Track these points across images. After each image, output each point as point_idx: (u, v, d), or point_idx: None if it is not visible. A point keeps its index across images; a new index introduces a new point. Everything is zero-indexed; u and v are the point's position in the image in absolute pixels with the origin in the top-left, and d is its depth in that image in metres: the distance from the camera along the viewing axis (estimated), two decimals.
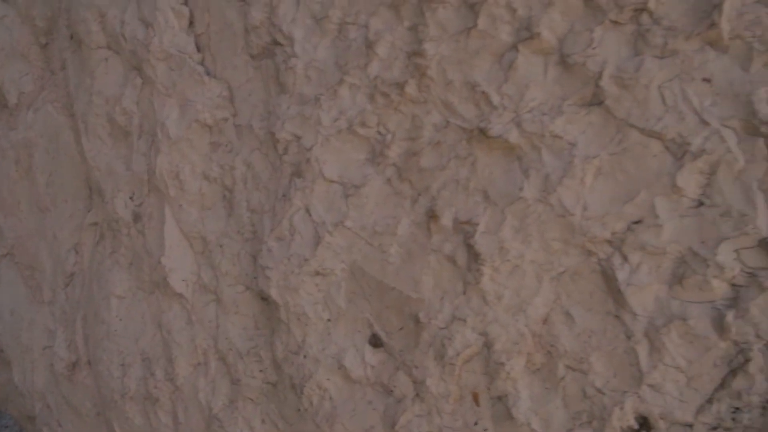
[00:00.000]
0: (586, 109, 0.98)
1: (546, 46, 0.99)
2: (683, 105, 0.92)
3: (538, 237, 1.02)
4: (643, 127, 0.94)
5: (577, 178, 0.98)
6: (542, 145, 1.00)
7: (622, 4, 0.93)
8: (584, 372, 1.01)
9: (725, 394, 0.94)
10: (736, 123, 0.90)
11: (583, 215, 0.99)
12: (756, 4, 0.88)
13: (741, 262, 0.91)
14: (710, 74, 0.91)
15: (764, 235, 0.90)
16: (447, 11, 1.04)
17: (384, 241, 1.14)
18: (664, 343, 0.96)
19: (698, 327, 0.94)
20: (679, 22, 0.91)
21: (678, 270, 0.95)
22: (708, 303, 0.94)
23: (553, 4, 0.97)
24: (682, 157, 0.92)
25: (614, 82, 0.95)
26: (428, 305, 1.10)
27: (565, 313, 1.02)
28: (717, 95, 0.91)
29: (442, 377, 1.11)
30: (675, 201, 0.94)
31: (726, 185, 0.91)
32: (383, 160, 1.13)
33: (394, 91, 1.10)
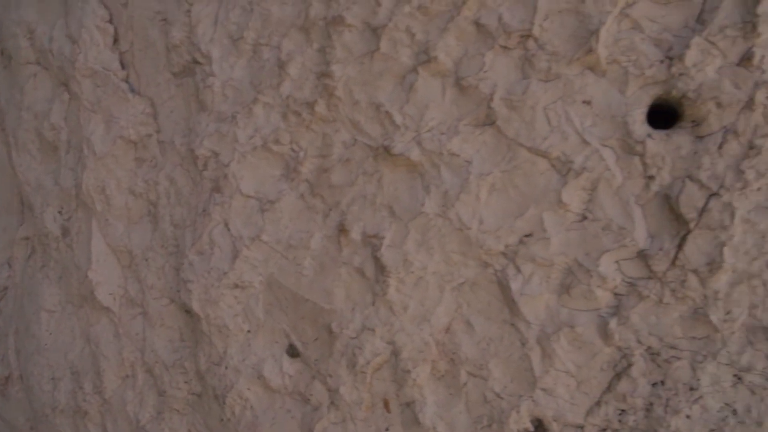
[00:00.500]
0: (480, 129, 1.03)
1: (443, 68, 1.04)
2: (566, 126, 0.98)
3: (439, 250, 1.07)
4: (531, 146, 1.00)
5: (473, 194, 1.03)
6: (441, 162, 1.05)
7: (509, 30, 0.99)
8: (484, 378, 1.06)
9: (612, 396, 1.00)
10: (614, 142, 0.96)
11: (479, 229, 1.04)
12: (630, 31, 0.94)
13: (621, 273, 0.98)
14: (590, 97, 0.97)
15: (642, 247, 0.96)
16: (352, 34, 1.09)
17: (298, 255, 1.17)
18: (554, 350, 1.01)
19: (585, 334, 1.00)
20: (561, 48, 0.97)
21: (566, 280, 1.01)
22: (593, 311, 1.00)
23: (449, 30, 1.03)
24: (566, 175, 0.98)
25: (504, 103, 1.00)
26: (340, 316, 1.15)
27: (466, 321, 1.07)
28: (596, 116, 0.97)
29: (354, 385, 1.15)
30: (561, 215, 1.00)
31: (606, 200, 0.97)
32: (296, 176, 1.16)
33: (305, 110, 1.14)
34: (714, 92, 0.90)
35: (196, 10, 1.25)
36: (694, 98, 0.91)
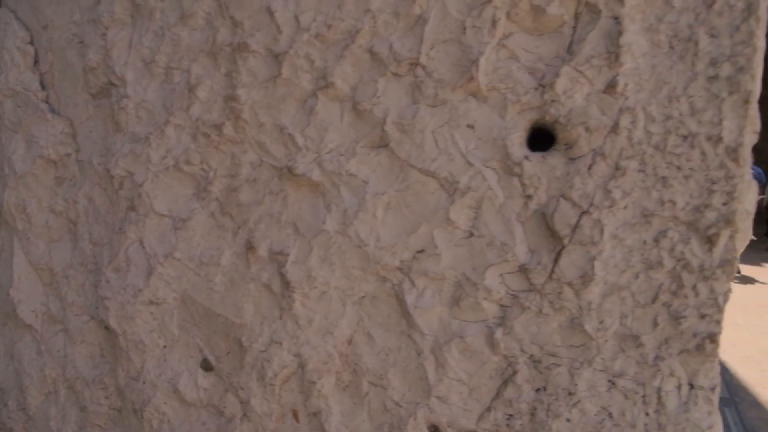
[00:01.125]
0: (375, 151, 1.09)
1: (340, 93, 1.10)
2: (452, 148, 1.04)
3: (340, 265, 1.12)
4: (421, 168, 1.06)
5: (370, 213, 1.09)
6: (340, 182, 1.10)
7: (399, 58, 1.05)
8: (384, 387, 1.12)
9: (500, 402, 1.06)
10: (496, 164, 1.03)
11: (376, 245, 1.09)
12: (508, 60, 1.01)
13: (506, 286, 1.04)
14: (473, 121, 1.03)
15: (522, 262, 1.03)
16: (256, 60, 1.14)
17: (209, 271, 1.21)
18: (447, 359, 1.07)
19: (474, 344, 1.06)
20: (446, 75, 1.03)
21: (456, 293, 1.06)
22: (482, 322, 1.06)
23: (345, 57, 1.08)
24: (453, 194, 1.04)
25: (396, 127, 1.06)
26: (250, 330, 1.19)
27: (367, 334, 1.12)
28: (479, 140, 1.03)
29: (264, 397, 1.19)
30: (450, 232, 1.06)
31: (490, 218, 1.04)
32: (207, 196, 1.21)
33: (213, 131, 1.18)
34: (583, 117, 0.97)
35: (111, 33, 1.28)
36: (565, 123, 0.98)
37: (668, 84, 0.94)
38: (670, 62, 0.94)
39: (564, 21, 0.97)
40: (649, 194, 0.96)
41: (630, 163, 0.96)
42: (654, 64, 0.95)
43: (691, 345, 0.97)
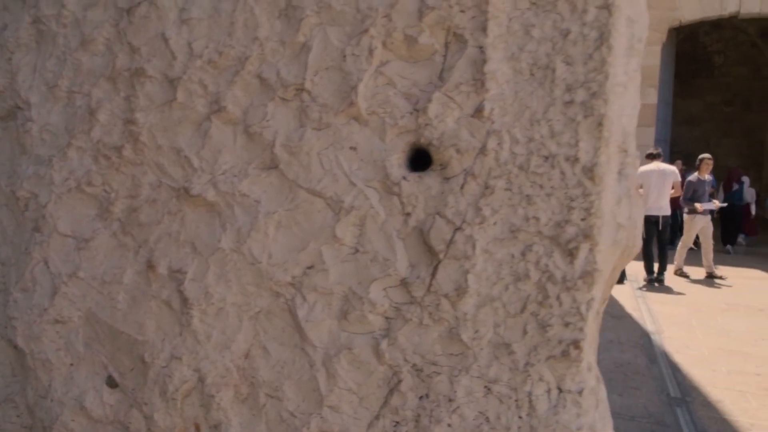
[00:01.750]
0: (266, 172, 1.13)
1: (233, 117, 1.14)
2: (337, 169, 1.09)
3: (236, 282, 1.16)
4: (309, 188, 1.11)
5: (262, 231, 1.13)
6: (234, 202, 1.15)
7: (286, 84, 1.10)
8: (280, 399, 1.16)
9: (387, 410, 1.11)
10: (377, 184, 1.08)
11: (269, 262, 1.14)
12: (385, 86, 1.07)
13: (389, 299, 1.10)
14: (356, 144, 1.09)
15: (403, 276, 1.08)
16: (153, 85, 1.18)
17: (112, 290, 1.24)
18: (337, 370, 1.12)
19: (362, 355, 1.11)
20: (329, 100, 1.09)
21: (344, 307, 1.12)
22: (368, 334, 1.11)
23: (236, 83, 1.13)
24: (339, 213, 1.10)
25: (285, 149, 1.11)
26: (152, 346, 1.22)
27: (263, 347, 1.17)
28: (361, 161, 1.09)
29: (167, 411, 1.22)
30: (337, 249, 1.11)
31: (373, 235, 1.09)
32: (109, 216, 1.24)
33: (114, 153, 1.22)
34: (454, 140, 1.03)
35: (16, 58, 1.31)
36: (438, 145, 1.04)
37: (530, 108, 1.01)
38: (531, 88, 1.01)
39: (435, 50, 1.04)
40: (515, 211, 1.03)
41: (498, 182, 1.03)
42: (517, 90, 1.01)
43: (557, 351, 1.04)
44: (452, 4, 1.02)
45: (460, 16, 1.02)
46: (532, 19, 1.00)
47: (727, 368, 6.76)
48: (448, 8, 1.02)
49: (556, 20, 0.99)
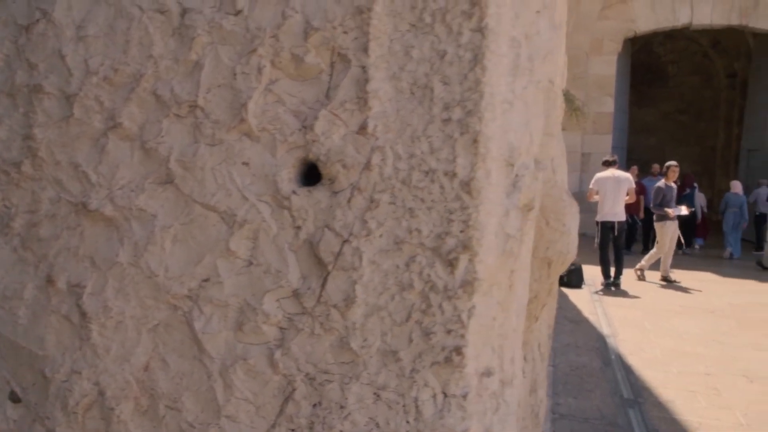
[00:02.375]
0: (162, 187, 1.16)
1: (129, 133, 1.16)
2: (230, 184, 1.12)
3: (134, 295, 1.18)
4: (203, 202, 1.13)
5: (159, 245, 1.15)
6: (131, 216, 1.17)
7: (180, 101, 1.13)
8: (179, 410, 1.18)
9: (283, 419, 1.14)
10: (268, 198, 1.11)
11: (166, 275, 1.16)
12: (275, 103, 1.10)
13: (282, 310, 1.13)
14: (248, 159, 1.12)
15: (295, 287, 1.12)
16: (51, 101, 1.19)
17: (13, 305, 1.25)
18: (233, 381, 1.14)
19: (258, 365, 1.14)
20: (221, 117, 1.12)
21: (239, 318, 1.14)
22: (263, 344, 1.14)
23: (131, 99, 1.15)
24: (233, 226, 1.13)
25: (179, 164, 1.14)
26: (52, 361, 1.23)
27: (162, 360, 1.19)
28: (254, 176, 1.12)
29: (69, 425, 1.23)
30: (231, 262, 1.14)
31: (266, 248, 1.12)
32: (10, 231, 1.24)
33: (13, 169, 1.23)
34: (340, 155, 1.07)
35: None
36: (326, 160, 1.08)
37: (411, 126, 1.06)
38: (412, 106, 1.06)
39: (321, 69, 1.08)
40: (399, 224, 1.07)
41: (382, 196, 1.07)
42: (398, 108, 1.06)
43: (441, 358, 1.08)
44: (335, 26, 1.06)
45: (344, 37, 1.06)
46: (412, 41, 1.05)
47: (678, 369, 6.94)
48: (332, 29, 1.06)
49: (433, 42, 1.04)
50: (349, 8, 1.05)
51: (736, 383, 6.53)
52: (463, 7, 1.03)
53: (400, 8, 1.05)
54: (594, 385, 6.53)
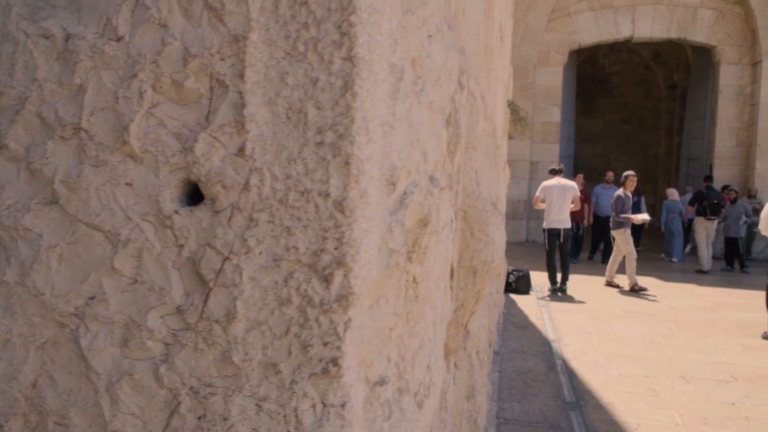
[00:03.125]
0: (48, 207, 1.18)
1: (16, 154, 1.18)
2: (114, 204, 1.15)
3: (22, 314, 1.20)
4: (88, 222, 1.16)
5: (45, 264, 1.18)
6: (18, 236, 1.19)
7: (64, 123, 1.16)
8: (67, 426, 1.20)
9: (170, 431, 1.17)
10: (152, 218, 1.15)
11: (52, 294, 1.18)
12: (157, 126, 1.14)
13: (166, 326, 1.16)
14: (132, 180, 1.15)
15: (179, 304, 1.15)
16: None
17: None
18: (119, 396, 1.17)
19: (143, 380, 1.17)
20: (105, 139, 1.15)
21: (125, 335, 1.17)
22: (149, 360, 1.17)
23: (17, 121, 1.17)
24: (117, 245, 1.16)
25: (64, 185, 1.16)
26: None
27: (50, 377, 1.20)
28: (137, 196, 1.15)
29: None
30: (117, 280, 1.17)
31: (150, 266, 1.16)
32: None
33: None
34: (220, 176, 1.12)
35: None
36: (206, 181, 1.12)
37: (287, 148, 1.11)
38: (288, 130, 1.11)
39: (201, 94, 1.12)
40: (278, 242, 1.12)
41: (261, 216, 1.12)
42: (275, 132, 1.11)
43: (318, 369, 1.13)
44: (213, 53, 1.10)
45: (221, 63, 1.11)
46: (287, 68, 1.11)
47: (619, 371, 7.16)
48: (210, 56, 1.11)
49: (307, 69, 1.10)
50: (226, 37, 1.10)
51: (673, 384, 6.78)
52: (334, 37, 1.09)
53: (275, 37, 1.10)
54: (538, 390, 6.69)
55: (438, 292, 2.18)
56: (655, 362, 7.42)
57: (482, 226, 3.13)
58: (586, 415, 5.92)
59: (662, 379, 6.88)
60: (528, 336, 8.70)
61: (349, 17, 1.09)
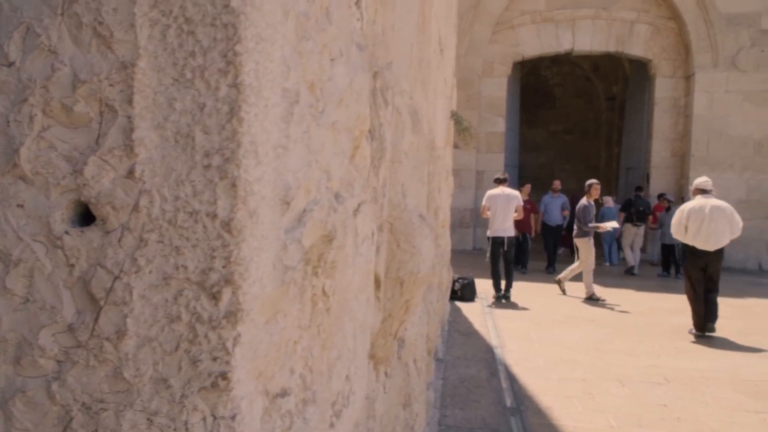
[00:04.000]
0: None
1: None
2: (5, 225, 1.18)
3: None
4: None
5: None
6: None
7: None
8: None
9: None
10: (43, 238, 1.18)
11: None
12: (48, 149, 1.17)
13: (58, 344, 1.19)
14: (23, 201, 1.18)
15: (70, 322, 1.18)
16: None
17: None
18: (13, 412, 1.19)
19: (36, 396, 1.19)
20: None
21: (17, 353, 1.19)
22: (41, 377, 1.20)
23: None
24: (9, 265, 1.18)
25: None
26: None
27: None
28: (28, 217, 1.18)
29: None
30: (8, 299, 1.19)
31: (41, 285, 1.18)
32: None
33: None
34: (110, 198, 1.16)
35: None
36: (96, 203, 1.16)
37: (176, 171, 1.16)
38: (176, 153, 1.16)
39: (91, 118, 1.16)
40: (167, 261, 1.17)
41: (151, 236, 1.16)
42: (164, 155, 1.16)
43: (208, 383, 1.18)
44: (102, 79, 1.15)
45: (110, 89, 1.15)
46: (175, 94, 1.16)
47: (558, 376, 7.35)
48: (98, 82, 1.15)
49: (194, 95, 1.15)
50: (114, 63, 1.15)
51: (609, 388, 7.01)
52: (220, 65, 1.15)
53: (163, 64, 1.15)
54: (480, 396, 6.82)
55: (358, 303, 2.24)
56: (593, 366, 7.65)
57: (408, 237, 3.21)
58: (525, 420, 6.08)
59: (599, 383, 7.10)
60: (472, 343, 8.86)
61: (234, 47, 1.15)
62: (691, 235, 8.05)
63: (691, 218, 8.04)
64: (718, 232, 7.89)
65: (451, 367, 7.79)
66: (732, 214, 7.91)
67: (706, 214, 7.91)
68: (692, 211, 8.08)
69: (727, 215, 7.92)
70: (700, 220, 7.93)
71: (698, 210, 8.02)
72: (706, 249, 8.03)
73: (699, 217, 7.96)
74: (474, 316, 10.18)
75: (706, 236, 7.93)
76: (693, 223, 7.99)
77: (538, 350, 8.55)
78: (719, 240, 7.94)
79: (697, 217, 7.97)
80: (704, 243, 7.99)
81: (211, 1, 1.16)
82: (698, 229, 7.95)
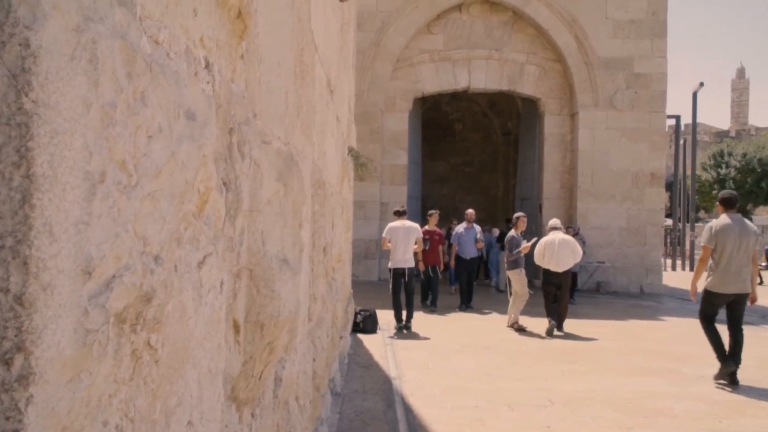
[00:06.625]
0: None
1: None
2: None
3: None
4: None
5: None
6: None
7: None
8: None
9: None
10: None
11: None
12: None
13: None
14: None
15: None
16: None
17: None
18: None
19: None
20: None
21: None
22: None
23: None
24: None
25: None
26: None
27: None
28: None
29: None
30: None
31: None
32: None
33: None
34: None
35: None
36: None
37: None
38: None
39: None
40: None
41: None
42: None
43: None
44: None
45: None
46: None
47: (452, 404, 7.57)
48: None
49: None
50: None
51: (499, 412, 7.28)
52: (13, 159, 1.32)
53: None
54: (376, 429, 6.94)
55: (203, 350, 2.40)
56: (485, 393, 7.91)
57: (268, 283, 3.41)
58: None
59: (490, 408, 7.35)
60: (371, 375, 8.97)
61: (27, 143, 1.32)
62: (546, 260, 10.79)
63: (546, 249, 10.83)
64: (564, 258, 10.73)
65: (348, 400, 7.87)
66: (574, 245, 10.79)
67: (556, 246, 10.72)
68: (547, 243, 10.89)
69: (570, 246, 10.75)
70: (551, 250, 10.74)
71: (550, 243, 10.84)
72: (557, 271, 10.79)
73: (551, 248, 10.78)
74: (375, 348, 10.29)
75: (557, 261, 10.69)
76: (547, 251, 10.78)
77: (434, 379, 8.69)
78: (566, 264, 10.74)
79: (550, 247, 10.79)
80: (555, 266, 10.75)
81: (7, 104, 1.32)
82: (551, 256, 10.72)
